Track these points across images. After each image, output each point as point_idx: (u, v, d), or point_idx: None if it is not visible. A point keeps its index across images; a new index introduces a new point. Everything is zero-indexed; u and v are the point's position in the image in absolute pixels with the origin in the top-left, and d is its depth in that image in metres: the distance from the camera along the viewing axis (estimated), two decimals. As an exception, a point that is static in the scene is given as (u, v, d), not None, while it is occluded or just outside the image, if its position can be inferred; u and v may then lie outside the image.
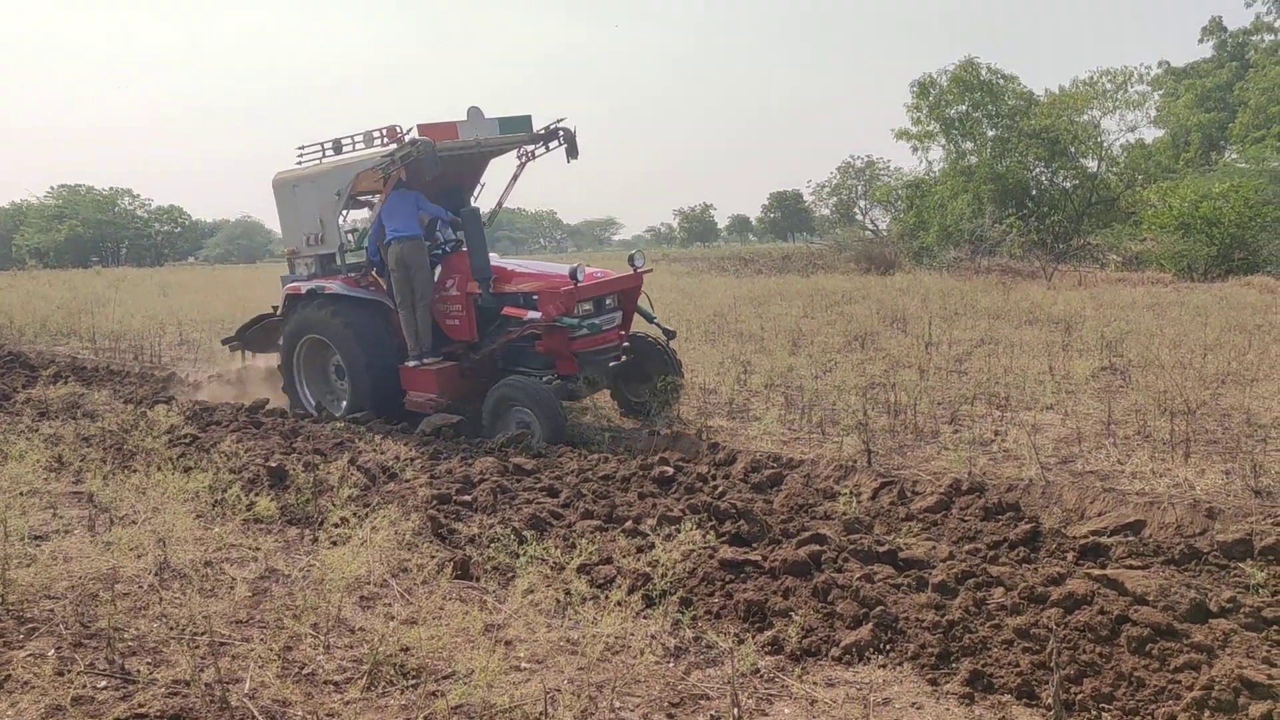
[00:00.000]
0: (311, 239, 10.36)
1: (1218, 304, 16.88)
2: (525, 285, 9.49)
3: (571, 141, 10.43)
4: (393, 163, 9.25)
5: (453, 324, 9.98)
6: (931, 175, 36.69)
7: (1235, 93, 37.78)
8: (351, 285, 10.09)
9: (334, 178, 9.96)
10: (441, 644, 4.35)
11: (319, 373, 10.72)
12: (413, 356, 9.78)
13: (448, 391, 9.64)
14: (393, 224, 9.62)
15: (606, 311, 9.59)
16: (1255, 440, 7.87)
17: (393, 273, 9.65)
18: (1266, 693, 3.74)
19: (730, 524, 5.98)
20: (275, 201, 10.70)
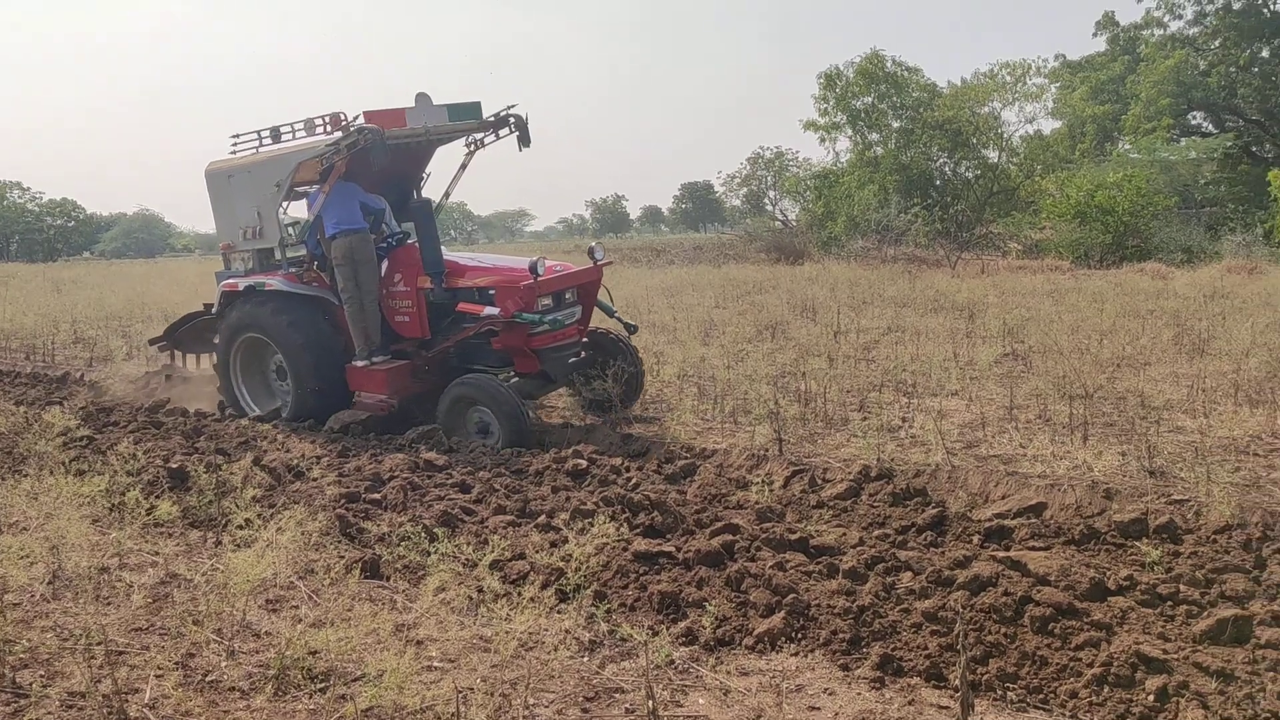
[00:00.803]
0: (249, 233, 9.87)
1: (1113, 290, 17.44)
2: (481, 280, 9.08)
3: (523, 129, 10.00)
4: (337, 152, 8.81)
5: (403, 321, 9.53)
6: (839, 166, 37.23)
7: (1127, 85, 39.11)
8: (293, 281, 9.60)
9: (273, 168, 9.44)
10: (351, 646, 4.26)
11: (257, 373, 10.26)
12: (361, 355, 9.34)
13: (399, 391, 9.26)
14: (336, 216, 9.23)
15: (566, 306, 9.25)
16: (1149, 422, 8.13)
17: (338, 268, 9.20)
18: (1162, 667, 3.87)
19: (644, 516, 5.97)
20: (208, 193, 10.15)
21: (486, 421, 8.43)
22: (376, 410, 9.15)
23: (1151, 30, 41.84)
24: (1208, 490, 6.11)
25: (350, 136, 8.66)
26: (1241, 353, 10.19)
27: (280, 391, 10.11)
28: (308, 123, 9.12)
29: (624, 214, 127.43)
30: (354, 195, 9.41)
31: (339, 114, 8.92)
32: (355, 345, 9.32)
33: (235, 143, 9.75)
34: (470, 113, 9.83)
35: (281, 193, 9.47)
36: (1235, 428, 7.80)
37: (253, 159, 9.66)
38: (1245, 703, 3.63)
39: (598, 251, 9.62)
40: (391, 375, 9.23)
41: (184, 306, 21.52)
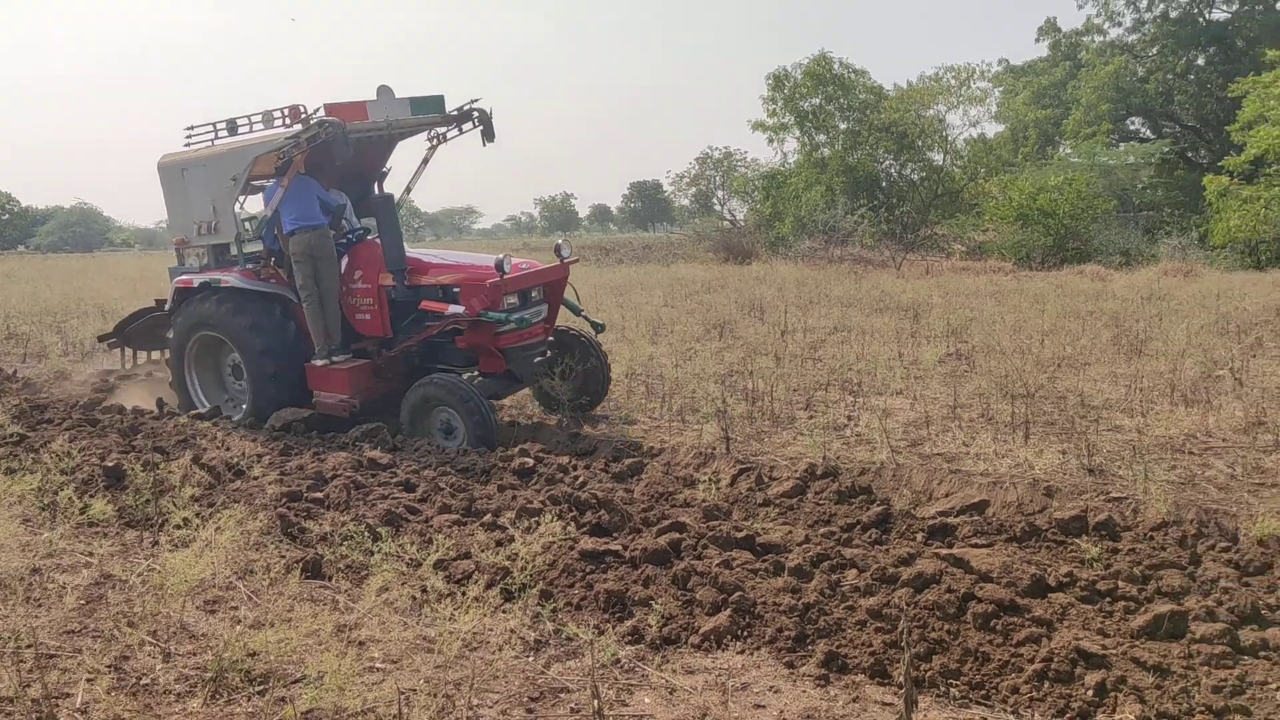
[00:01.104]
0: (203, 228, 9.53)
1: (1054, 291, 17.73)
2: (445, 277, 8.84)
3: (487, 123, 9.75)
4: (297, 145, 8.53)
5: (363, 319, 9.26)
6: (786, 167, 37.48)
7: (1069, 91, 39.78)
8: (250, 278, 9.27)
9: (229, 161, 9.15)
10: (291, 647, 4.19)
11: (213, 372, 9.93)
12: (320, 354, 9.04)
13: (360, 391, 9.00)
14: (295, 212, 8.95)
15: (532, 304, 9.02)
16: (1088, 421, 8.28)
17: (297, 264, 8.91)
18: (1101, 662, 3.92)
19: (591, 514, 5.95)
20: (161, 186, 9.81)
21: (452, 422, 8.24)
22: (337, 410, 8.93)
23: (1092, 37, 42.66)
24: (1145, 488, 6.23)
25: (310, 130, 8.41)
26: (1177, 353, 10.41)
27: (236, 391, 9.83)
28: (265, 115, 8.84)
29: (573, 212, 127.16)
30: (312, 190, 9.17)
31: (298, 106, 8.63)
32: (315, 344, 9.08)
33: (190, 135, 9.45)
34: (433, 106, 9.60)
35: (238, 187, 9.20)
36: (1171, 426, 7.95)
37: (208, 151, 9.37)
38: (1181, 697, 3.69)
39: (564, 249, 9.45)
40: (353, 375, 8.98)
41: (123, 302, 21.10)
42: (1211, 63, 38.63)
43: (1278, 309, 13.38)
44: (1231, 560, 5.02)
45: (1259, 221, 24.36)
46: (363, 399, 8.98)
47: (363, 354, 9.30)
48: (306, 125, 8.46)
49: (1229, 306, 14.00)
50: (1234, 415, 8.13)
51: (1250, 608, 4.33)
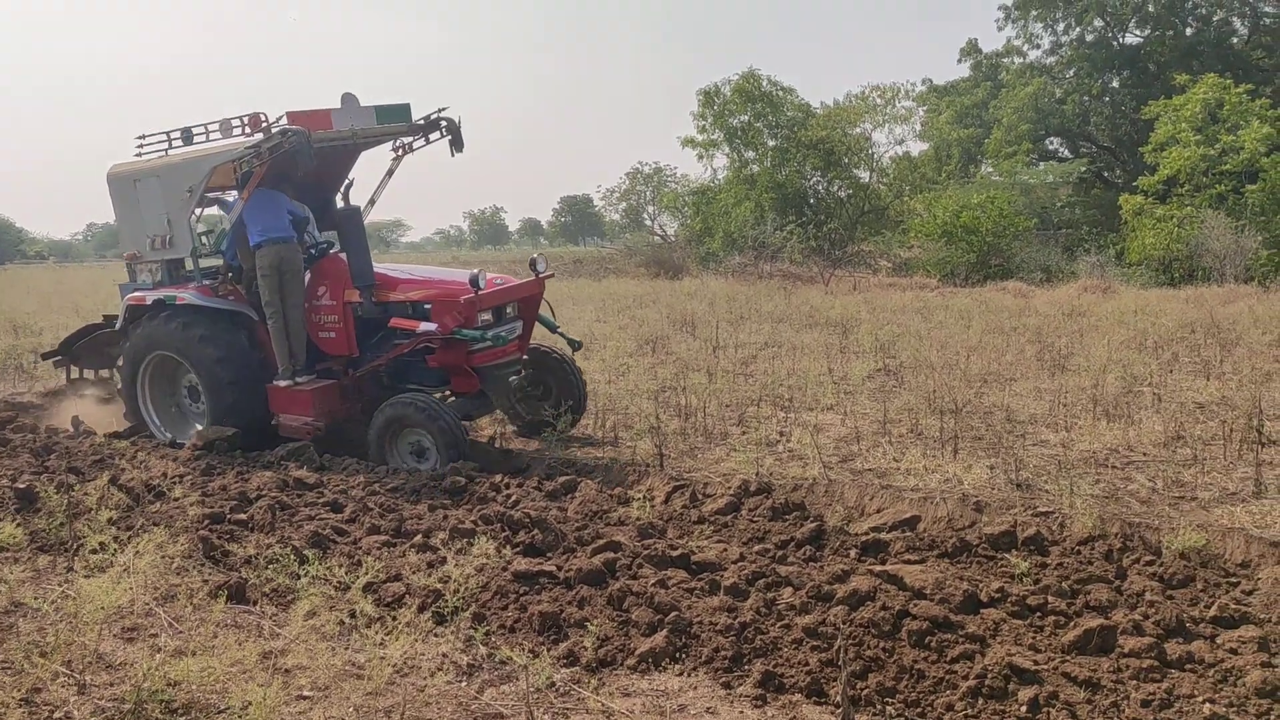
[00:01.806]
0: (157, 241, 9.08)
1: (978, 308, 18.06)
2: (415, 293, 8.51)
3: (456, 133, 9.42)
4: (258, 155, 8.15)
5: (328, 337, 8.86)
6: (716, 183, 37.74)
7: (990, 111, 40.63)
8: (207, 294, 8.84)
9: (184, 171, 8.73)
10: (214, 676, 4.03)
11: (168, 394, 9.47)
12: (284, 375, 8.65)
13: (325, 413, 8.65)
14: (260, 224, 8.53)
15: (507, 321, 8.72)
16: (1015, 436, 8.42)
17: (264, 279, 8.50)
18: (1033, 678, 3.96)
19: (524, 534, 5.88)
20: (111, 198, 9.40)
21: (423, 444, 7.94)
22: (301, 434, 8.54)
23: (1012, 59, 43.62)
24: (1071, 503, 6.33)
25: (273, 139, 8.07)
26: (1099, 369, 10.65)
27: (193, 414, 9.40)
28: (223, 124, 8.49)
29: (503, 226, 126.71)
30: (280, 202, 8.79)
31: (258, 114, 8.29)
32: (278, 364, 8.69)
33: (141, 144, 9.06)
34: (399, 115, 9.27)
35: (194, 199, 8.78)
36: (1094, 441, 8.12)
37: (161, 162, 9.00)
38: (1111, 711, 3.74)
39: (540, 263, 9.16)
40: (317, 396, 8.61)
41: (36, 316, 20.44)
42: (1125, 85, 39.77)
43: (1192, 325, 13.78)
44: (1155, 574, 5.12)
45: (1172, 240, 25.09)
46: (328, 421, 8.65)
47: (327, 374, 8.96)
48: (268, 134, 8.13)
49: (1146, 323, 14.38)
50: (1154, 430, 8.33)
51: (1175, 621, 4.42)
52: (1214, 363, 11.19)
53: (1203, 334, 13.05)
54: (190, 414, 9.46)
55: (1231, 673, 3.94)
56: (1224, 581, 5.08)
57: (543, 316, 9.28)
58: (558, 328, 9.42)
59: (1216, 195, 26.06)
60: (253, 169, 8.35)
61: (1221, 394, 9.66)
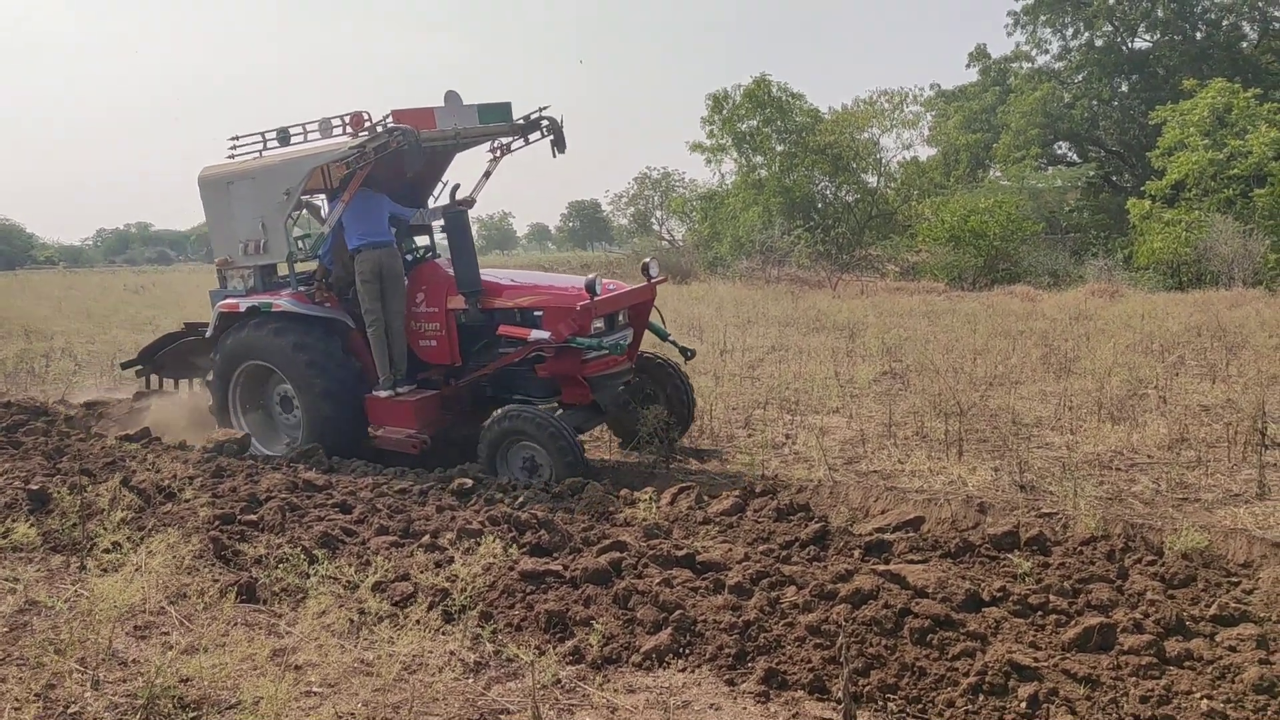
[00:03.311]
0: (250, 246, 8.72)
1: (985, 311, 18.09)
2: (524, 299, 8.15)
3: (558, 133, 8.99)
4: (363, 155, 7.81)
5: (428, 345, 8.55)
6: (724, 187, 37.83)
7: (998, 115, 40.68)
8: (303, 301, 8.49)
9: (282, 173, 8.37)
10: (225, 673, 4.11)
11: (256, 403, 9.21)
12: (384, 385, 8.33)
13: (428, 425, 8.26)
14: (362, 227, 8.28)
15: (618, 329, 8.34)
16: (1020, 438, 8.45)
17: (364, 285, 8.23)
18: (1033, 675, 4.00)
19: (531, 534, 5.93)
20: (202, 202, 9.07)
21: (536, 459, 7.57)
22: (404, 448, 8.16)
23: (1020, 64, 43.69)
24: (1074, 504, 6.37)
25: (379, 138, 7.74)
26: (1104, 372, 10.68)
27: (285, 425, 9.13)
28: (323, 123, 8.20)
29: (511, 231, 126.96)
30: (381, 205, 8.51)
31: (360, 114, 8.00)
32: (378, 373, 8.40)
33: (234, 146, 8.80)
34: (500, 114, 8.87)
35: (291, 201, 8.41)
36: (1099, 443, 8.16)
37: (257, 164, 8.68)
38: (1110, 708, 3.78)
39: (653, 267, 8.73)
40: (419, 407, 8.22)
41: (49, 321, 20.58)
42: (1134, 90, 39.80)
43: (1198, 329, 13.79)
44: (1157, 574, 5.15)
45: (1180, 244, 25.09)
46: (430, 433, 8.27)
47: (427, 384, 8.65)
48: (374, 133, 7.82)
49: (1152, 326, 14.39)
50: (1158, 432, 8.36)
51: (1175, 619, 4.45)
52: (1219, 366, 11.21)
53: (1209, 337, 13.07)
54: (282, 425, 9.21)
55: (1230, 670, 3.97)
56: (1225, 581, 5.12)
57: (653, 324, 8.88)
58: (669, 336, 8.97)
59: (1224, 199, 26.07)
60: (355, 170, 8.04)
61: (1226, 397, 9.68)
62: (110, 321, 21.56)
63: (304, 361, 8.31)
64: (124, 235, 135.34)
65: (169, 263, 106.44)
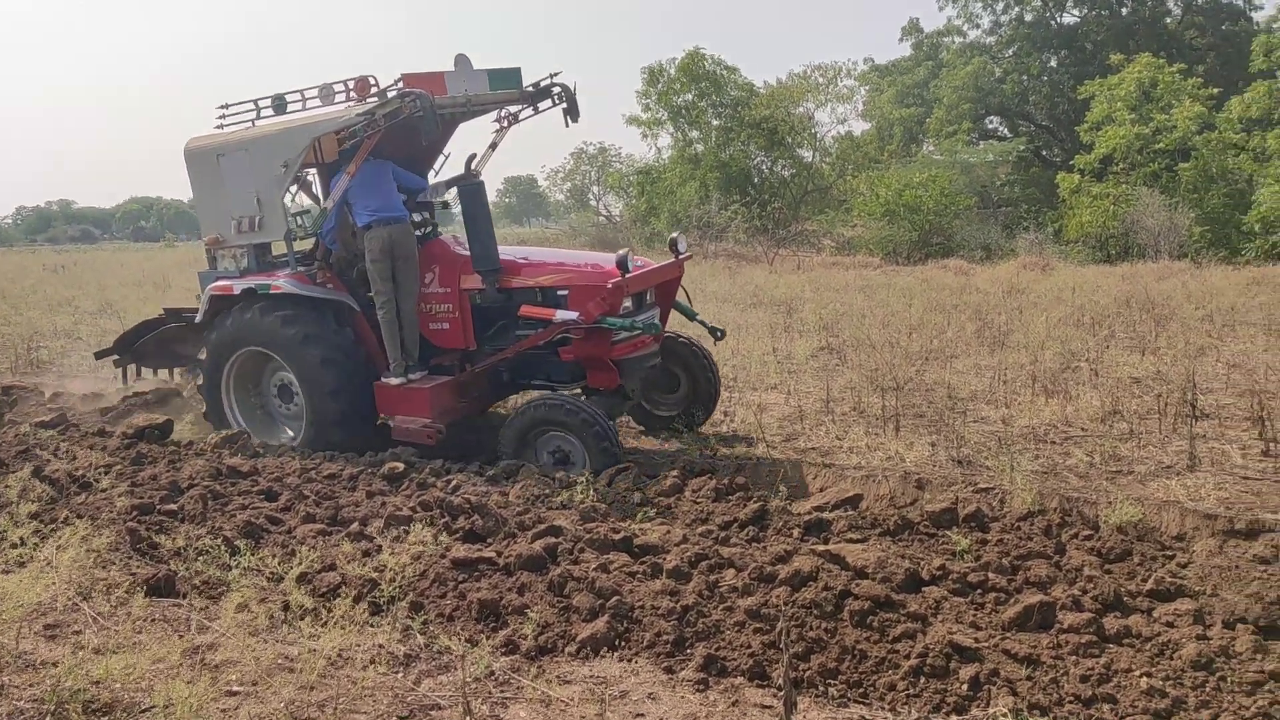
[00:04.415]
0: (244, 223, 8.12)
1: (920, 286, 18.20)
2: (546, 278, 7.68)
3: (571, 101, 8.46)
4: (372, 123, 7.27)
5: (440, 328, 8.05)
6: (661, 162, 37.66)
7: (931, 90, 40.96)
8: (305, 282, 7.91)
9: (281, 143, 7.75)
10: (139, 673, 3.92)
11: (251, 394, 8.61)
12: (395, 372, 7.83)
13: (445, 414, 7.79)
14: (371, 202, 7.74)
15: (646, 308, 7.90)
16: (955, 413, 8.47)
17: (375, 264, 7.69)
18: (974, 656, 3.96)
19: (464, 520, 5.77)
20: (189, 176, 8.44)
21: (565, 449, 7.16)
22: (420, 438, 7.69)
23: (952, 38, 43.97)
24: (1011, 478, 6.37)
25: (390, 104, 7.21)
26: (1038, 346, 10.76)
27: (283, 415, 8.57)
28: (324, 89, 7.66)
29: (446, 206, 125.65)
30: (389, 177, 7.99)
31: (366, 78, 7.50)
32: (388, 359, 7.89)
33: (224, 115, 8.17)
34: (511, 80, 8.30)
35: (290, 174, 7.84)
36: (1033, 417, 8.20)
37: (251, 134, 8.05)
38: (1051, 687, 3.75)
39: (681, 243, 8.25)
40: (435, 394, 7.72)
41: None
42: (1063, 65, 40.26)
43: (1127, 301, 13.99)
44: (1094, 548, 5.16)
45: (1108, 217, 25.49)
46: (446, 422, 7.79)
47: (440, 370, 8.15)
48: (383, 99, 7.30)
49: (1083, 299, 14.57)
50: (1091, 405, 8.42)
51: (1113, 595, 4.44)
52: (1149, 338, 11.37)
53: (1138, 310, 13.25)
54: (279, 416, 8.64)
55: (1168, 646, 3.97)
56: (1160, 554, 5.14)
57: (679, 303, 8.44)
58: (696, 315, 8.56)
59: (1150, 173, 26.53)
60: (362, 139, 7.44)
61: (1156, 369, 9.80)
62: (26, 303, 20.82)
63: (315, 358, 7.73)
64: (45, 213, 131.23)
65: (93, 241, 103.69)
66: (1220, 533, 5.46)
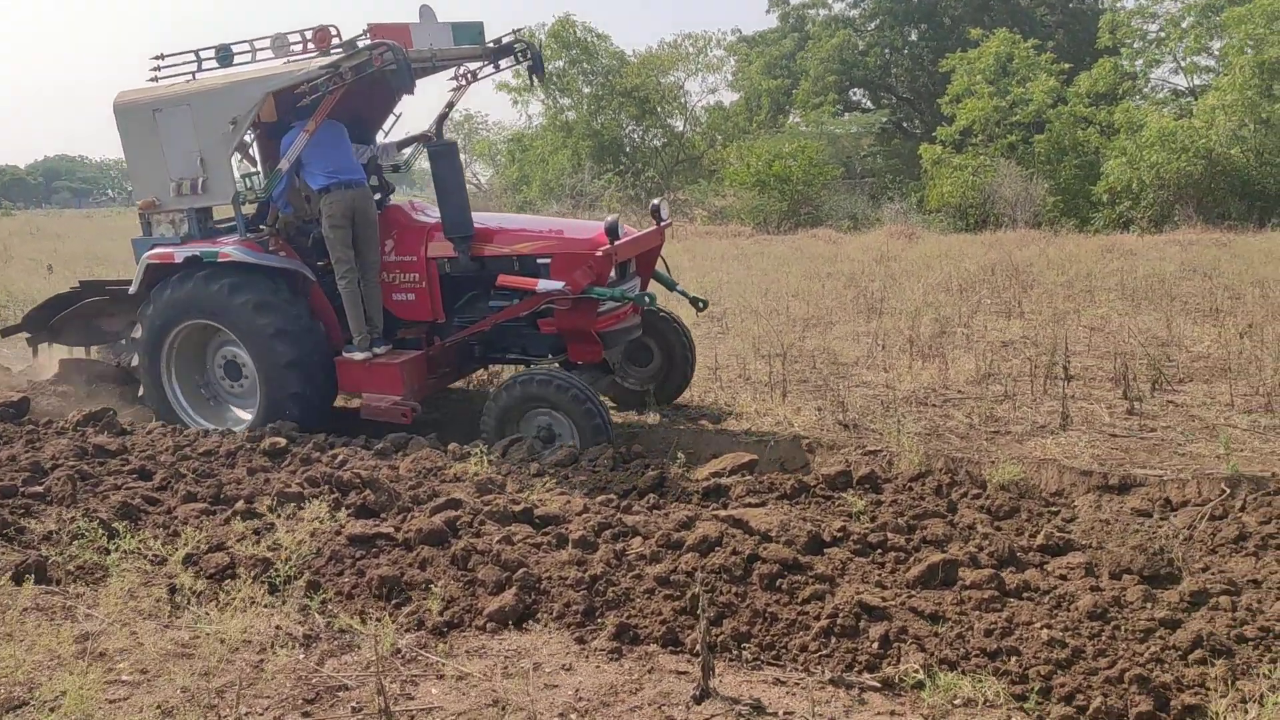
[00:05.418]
0: (185, 186, 7.49)
1: (794, 254, 18.51)
2: (524, 245, 7.26)
3: (537, 58, 8.03)
4: (338, 76, 6.73)
5: (404, 299, 7.58)
6: (532, 129, 37.28)
7: (798, 62, 41.54)
8: (255, 249, 7.35)
9: (227, 98, 7.19)
10: (19, 666, 3.66)
11: (194, 372, 7.99)
12: (359, 346, 7.33)
13: (416, 391, 7.36)
14: (329, 164, 7.27)
15: (629, 278, 7.56)
16: (839, 378, 8.64)
17: (335, 231, 7.20)
18: (883, 614, 4.04)
19: (355, 495, 5.61)
20: (119, 133, 7.75)
21: (554, 428, 6.84)
22: (392, 417, 7.24)
23: (817, 10, 44.65)
24: (898, 440, 6.53)
25: (359, 55, 6.69)
26: (913, 311, 11.06)
27: (230, 395, 7.99)
28: (277, 39, 7.13)
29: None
30: (345, 137, 7.53)
31: (326, 28, 6.99)
32: (351, 332, 7.40)
33: (159, 67, 7.50)
34: (473, 34, 7.77)
35: (239, 132, 7.29)
36: (913, 381, 8.43)
37: (194, 87, 7.41)
38: (957, 642, 3.85)
39: (664, 209, 7.84)
40: (406, 369, 7.28)
41: None
42: (923, 38, 41.29)
43: (993, 268, 14.50)
44: (983, 506, 5.33)
45: (968, 188, 26.39)
46: (418, 399, 7.38)
47: (404, 344, 7.70)
48: (350, 50, 6.80)
49: (950, 267, 15.04)
50: (967, 368, 8.71)
51: (1007, 551, 4.59)
52: (1014, 304, 11.81)
53: (1002, 276, 13.75)
54: (225, 396, 8.04)
55: (1065, 599, 4.12)
56: (1045, 511, 5.35)
57: (659, 273, 8.12)
58: (677, 285, 8.23)
59: (1008, 145, 27.53)
60: (324, 94, 6.87)
61: (1023, 332, 10.19)
62: None
63: (268, 328, 7.18)
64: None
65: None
66: (1096, 488, 5.73)
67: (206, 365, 8.01)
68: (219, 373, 7.95)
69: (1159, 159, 23.21)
